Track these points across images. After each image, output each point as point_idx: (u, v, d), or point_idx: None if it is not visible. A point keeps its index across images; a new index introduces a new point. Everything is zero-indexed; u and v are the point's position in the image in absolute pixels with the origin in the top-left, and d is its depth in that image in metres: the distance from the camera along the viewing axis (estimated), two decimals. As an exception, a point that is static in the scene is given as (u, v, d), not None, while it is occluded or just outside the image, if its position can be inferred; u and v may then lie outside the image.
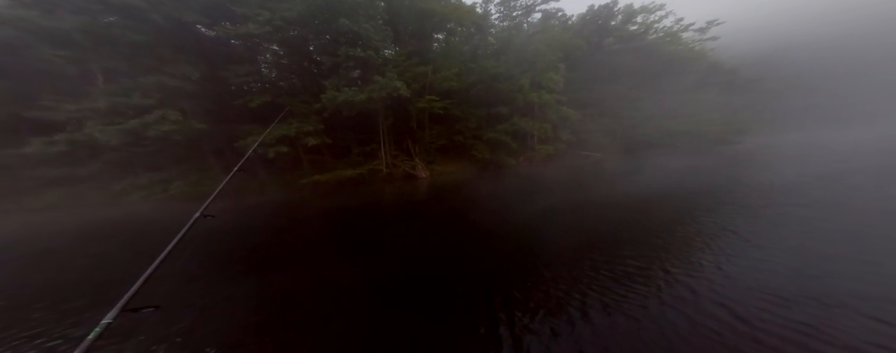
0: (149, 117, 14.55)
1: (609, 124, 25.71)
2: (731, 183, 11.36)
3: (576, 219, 8.30)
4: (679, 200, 9.44)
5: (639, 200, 9.83)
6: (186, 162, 17.59)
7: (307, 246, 7.49)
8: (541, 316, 3.67)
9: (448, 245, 6.56)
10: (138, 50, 13.17)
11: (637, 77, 27.08)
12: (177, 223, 1.98)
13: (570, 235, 6.94)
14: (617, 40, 26.62)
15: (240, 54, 15.75)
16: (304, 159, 18.20)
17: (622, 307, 3.75)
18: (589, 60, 25.47)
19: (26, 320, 4.29)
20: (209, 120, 16.21)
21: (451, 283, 4.75)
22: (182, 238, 2.06)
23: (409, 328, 3.65)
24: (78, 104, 14.28)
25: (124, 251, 7.78)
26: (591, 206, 9.66)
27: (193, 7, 12.94)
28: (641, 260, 5.06)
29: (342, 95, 15.89)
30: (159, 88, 14.40)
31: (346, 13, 14.00)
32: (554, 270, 4.97)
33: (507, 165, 20.91)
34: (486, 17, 22.22)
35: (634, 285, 4.25)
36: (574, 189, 13.06)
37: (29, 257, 7.86)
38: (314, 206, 12.94)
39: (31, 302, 4.84)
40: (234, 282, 5.32)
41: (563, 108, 22.44)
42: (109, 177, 16.79)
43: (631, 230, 6.75)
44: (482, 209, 10.24)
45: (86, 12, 11.77)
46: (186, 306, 4.37)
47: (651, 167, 17.45)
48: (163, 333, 3.71)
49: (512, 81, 20.35)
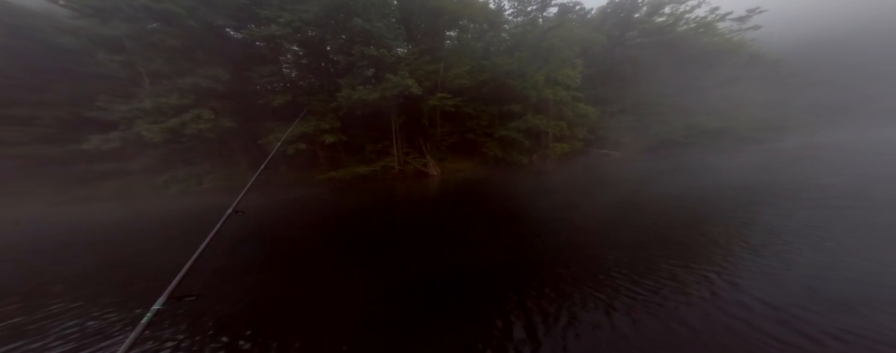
0: (186, 116, 15.98)
1: (631, 122, 24.53)
2: (772, 184, 10.44)
3: (590, 218, 8.04)
4: (714, 201, 8.73)
5: (657, 201, 9.37)
6: (217, 158, 19.12)
7: (327, 241, 7.78)
8: (563, 317, 3.54)
9: (461, 243, 6.55)
10: (176, 54, 14.57)
11: (663, 71, 25.60)
12: (211, 216, 2.14)
13: (586, 233, 6.81)
14: (641, 33, 25.33)
15: (263, 55, 16.91)
16: (321, 156, 19.14)
17: (656, 310, 3.55)
18: (609, 55, 24.48)
19: (90, 299, 4.86)
20: (237, 118, 17.52)
21: (467, 282, 4.71)
22: (216, 232, 2.23)
23: (424, 322, 3.70)
24: (128, 105, 16.03)
25: (169, 242, 8.45)
26: (607, 207, 9.23)
27: (223, 11, 14.12)
28: (675, 261, 4.79)
29: (357, 94, 16.56)
30: (194, 89, 15.80)
31: (360, 12, 14.57)
32: (572, 268, 4.84)
33: (519, 163, 20.66)
34: (500, 12, 22.05)
35: (667, 288, 4.03)
36: (586, 189, 12.71)
37: (91, 244, 8.84)
38: (331, 202, 13.53)
39: (95, 283, 5.57)
40: (264, 274, 5.63)
41: (581, 104, 21.76)
42: (153, 171, 18.62)
43: (654, 231, 6.41)
44: (495, 207, 10.20)
45: (134, 20, 13.25)
46: (222, 297, 4.68)
47: (676, 167, 16.52)
48: (203, 320, 4.00)
49: (525, 78, 20.08)
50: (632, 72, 25.19)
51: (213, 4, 13.70)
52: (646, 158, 21.87)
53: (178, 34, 13.87)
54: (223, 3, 13.81)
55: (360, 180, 18.90)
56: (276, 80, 17.10)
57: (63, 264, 6.91)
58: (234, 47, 16.15)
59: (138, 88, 16.26)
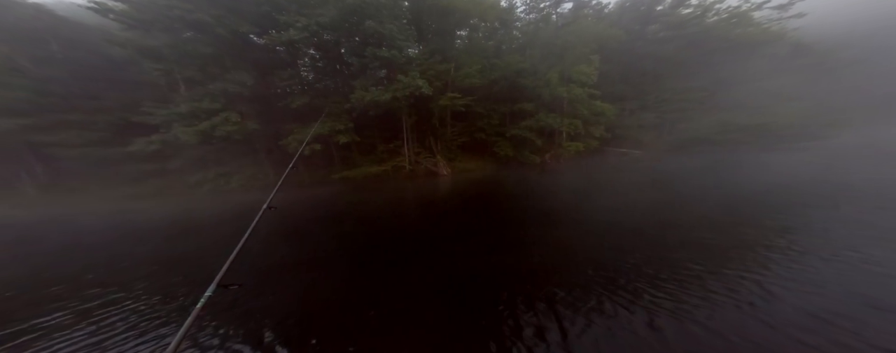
0: (216, 119, 17.30)
1: (654, 119, 23.25)
2: (815, 185, 9.60)
3: (611, 219, 7.68)
4: (752, 203, 8.11)
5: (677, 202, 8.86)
6: (243, 158, 20.51)
7: (347, 238, 7.95)
8: (589, 321, 3.48)
9: (479, 244, 6.50)
10: (208, 61, 15.90)
11: (690, 66, 24.11)
12: (245, 212, 2.41)
13: (606, 234, 6.57)
14: (664, 27, 24.10)
15: (283, 60, 18.01)
16: (336, 156, 19.93)
17: (684, 315, 3.48)
18: (628, 50, 23.47)
19: (150, 286, 5.47)
20: (260, 121, 18.73)
21: (487, 281, 4.70)
22: (252, 226, 2.38)
23: (443, 320, 3.76)
24: (167, 109, 17.69)
25: (211, 238, 9.06)
26: (628, 207, 8.77)
27: (247, 19, 15.25)
28: (705, 265, 4.58)
29: (369, 95, 17.13)
30: (223, 94, 17.12)
31: (372, 15, 15.09)
32: (597, 270, 4.70)
33: (531, 162, 20.26)
34: (511, 10, 21.91)
35: (697, 293, 3.89)
36: (604, 189, 12.18)
37: (149, 237, 9.68)
38: (348, 201, 14.00)
39: (151, 272, 6.22)
40: (295, 267, 5.98)
41: (597, 102, 21.02)
42: (188, 171, 20.33)
43: (682, 233, 6.17)
44: (509, 207, 10.07)
45: (171, 30, 14.72)
46: (262, 286, 5.09)
47: (705, 166, 15.40)
48: (246, 307, 4.37)
49: (538, 76, 19.78)
50: (654, 67, 23.97)
51: (238, 12, 14.87)
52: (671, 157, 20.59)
53: (209, 42, 15.17)
54: (247, 11, 14.94)
55: (373, 179, 19.43)
56: (294, 83, 18.12)
57: (131, 254, 7.71)
58: (258, 53, 17.34)
59: (175, 94, 17.89)
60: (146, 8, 13.85)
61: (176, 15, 13.58)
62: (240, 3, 14.66)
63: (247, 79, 16.94)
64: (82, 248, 8.73)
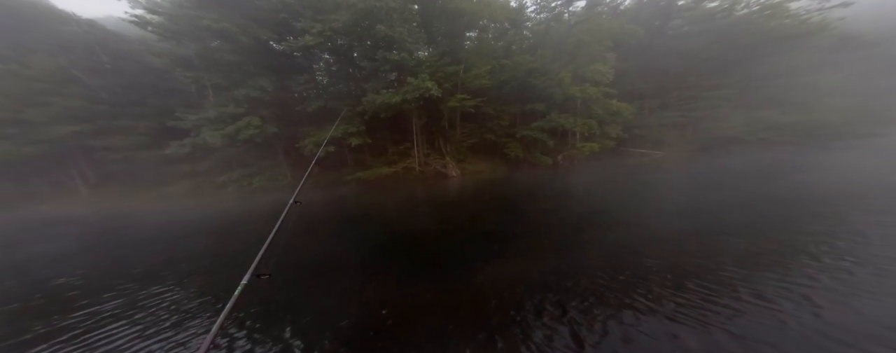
0: (240, 123, 18.43)
1: (676, 118, 22.04)
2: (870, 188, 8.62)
3: (631, 221, 7.41)
4: (785, 207, 7.51)
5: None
6: (264, 160, 21.67)
7: (360, 239, 8.24)
8: (617, 328, 3.37)
9: (490, 248, 6.44)
10: (232, 68, 17.06)
11: (717, 62, 22.72)
12: (269, 211, 2.74)
13: (626, 237, 6.29)
14: (687, 22, 22.95)
15: (300, 65, 18.94)
16: (349, 158, 20.56)
17: (716, 323, 3.33)
18: (648, 47, 22.52)
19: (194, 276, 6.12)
20: (279, 124, 19.73)
21: (503, 285, 4.62)
22: (281, 219, 2.63)
23: (461, 324, 3.77)
24: (197, 114, 19.12)
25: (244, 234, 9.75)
26: (649, 210, 8.43)
27: (268, 26, 16.26)
28: (738, 271, 4.36)
29: (380, 98, 17.61)
30: (246, 99, 18.23)
31: (383, 19, 15.57)
32: (623, 275, 4.54)
33: (542, 164, 19.83)
34: (522, 10, 21.74)
35: (728, 300, 3.71)
36: (622, 190, 11.73)
37: (194, 232, 10.62)
38: (360, 203, 14.44)
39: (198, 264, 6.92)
40: (314, 265, 6.31)
41: (613, 101, 20.27)
42: (215, 172, 21.74)
43: (710, 238, 5.84)
44: (514, 210, 9.92)
45: (200, 39, 16.00)
46: (287, 277, 5.55)
47: (734, 167, 14.33)
48: (275, 296, 4.80)
49: (549, 76, 19.45)
50: (676, 64, 22.81)
51: (259, 21, 15.90)
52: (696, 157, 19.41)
53: (233, 50, 16.32)
54: (267, 19, 15.93)
55: (383, 180, 19.83)
56: (310, 87, 18.98)
57: (189, 248, 8.44)
58: (277, 59, 18.38)
59: (204, 100, 19.32)
60: (179, 19, 15.18)
61: (204, 25, 14.75)
62: (260, 11, 15.68)
63: (267, 84, 17.97)
64: (144, 242, 9.53)
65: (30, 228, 14.25)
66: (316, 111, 18.75)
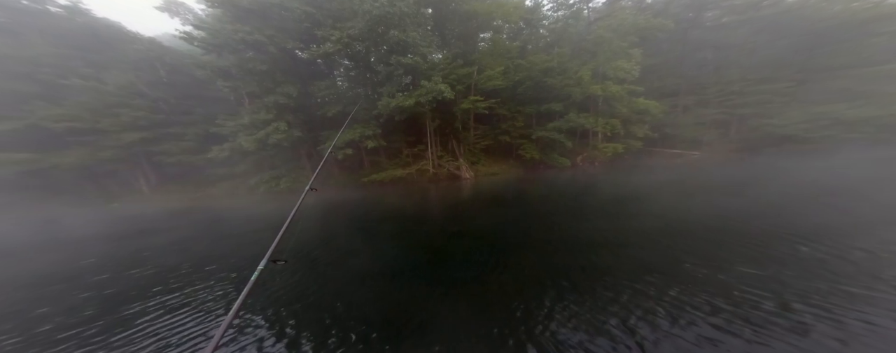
0: (269, 129, 20.01)
1: (717, 115, 19.83)
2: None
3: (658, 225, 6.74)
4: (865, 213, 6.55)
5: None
6: (289, 163, 23.16)
7: (375, 236, 8.38)
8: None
9: (507, 251, 6.18)
10: (264, 76, 18.66)
11: (764, 53, 20.29)
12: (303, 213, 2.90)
13: (650, 242, 5.77)
14: (727, 12, 20.91)
15: (322, 72, 20.19)
16: (365, 160, 21.23)
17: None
18: (680, 41, 20.81)
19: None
20: (303, 129, 21.08)
21: (519, 288, 4.43)
22: (298, 205, 2.76)
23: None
24: (234, 121, 21.11)
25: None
26: (684, 214, 7.55)
27: (293, 36, 17.64)
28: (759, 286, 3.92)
29: (394, 101, 18.13)
30: (275, 106, 19.79)
31: (396, 24, 16.18)
32: (661, 284, 4.16)
33: (560, 165, 18.85)
34: (537, 9, 21.33)
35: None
36: (649, 193, 10.61)
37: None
38: (377, 203, 14.59)
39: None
40: (333, 254, 6.62)
41: (639, 99, 18.91)
42: (249, 175, 23.63)
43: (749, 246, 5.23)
44: (527, 214, 9.32)
45: (237, 51, 17.80)
46: (303, 264, 5.95)
47: (793, 168, 12.53)
48: (289, 281, 5.19)
49: (567, 75, 18.72)
50: (715, 57, 20.74)
51: (286, 31, 17.34)
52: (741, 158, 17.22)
53: (263, 60, 17.91)
54: (292, 29, 17.30)
55: (398, 182, 20.13)
56: (330, 92, 20.11)
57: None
58: (302, 67, 19.80)
59: (241, 108, 21.30)
60: (219, 33, 17.07)
61: (240, 38, 16.44)
62: (286, 22, 17.10)
63: (292, 91, 19.38)
64: (229, 237, 9.99)
65: (137, 220, 15.39)
66: (335, 115, 19.76)
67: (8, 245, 10.83)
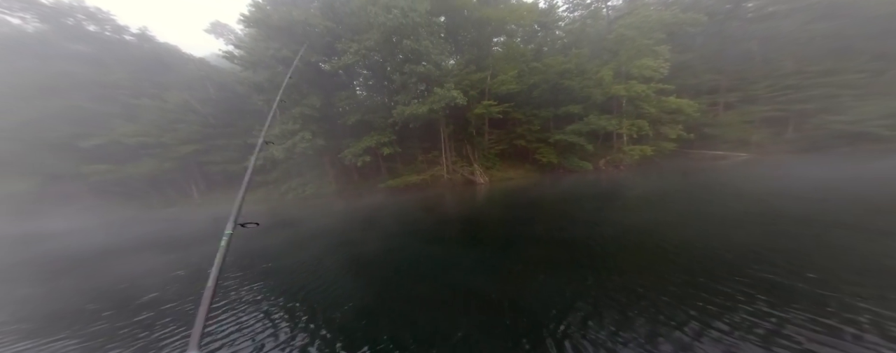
0: (296, 138, 21.51)
1: (769, 113, 17.38)
2: None
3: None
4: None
5: None
6: (314, 170, 24.50)
7: (387, 237, 8.51)
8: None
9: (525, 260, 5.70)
10: (292, 90, 20.26)
11: (826, 43, 17.65)
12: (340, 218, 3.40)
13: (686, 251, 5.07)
14: (772, 1, 18.75)
15: (343, 82, 21.40)
16: (383, 167, 21.73)
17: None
18: (717, 34, 18.94)
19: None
20: (325, 138, 22.31)
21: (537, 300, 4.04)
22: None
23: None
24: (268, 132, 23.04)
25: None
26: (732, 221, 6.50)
27: (317, 50, 19.05)
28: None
29: (409, 109, 18.60)
30: (301, 116, 21.30)
31: (409, 34, 16.83)
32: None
33: (581, 169, 17.62)
34: (551, 10, 20.88)
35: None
36: (685, 199, 9.37)
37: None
38: (392, 208, 14.56)
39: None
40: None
41: (670, 98, 17.37)
42: (279, 182, 25.35)
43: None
44: (544, 220, 8.67)
45: (268, 67, 19.61)
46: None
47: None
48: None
49: (585, 76, 17.88)
50: (762, 49, 18.49)
51: (311, 46, 18.83)
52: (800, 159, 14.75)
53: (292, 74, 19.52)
54: (316, 43, 18.70)
55: (413, 187, 20.23)
56: (350, 102, 21.18)
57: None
58: (325, 78, 21.20)
59: (273, 119, 23.22)
60: (254, 51, 19.06)
61: (270, 54, 18.20)
62: (310, 37, 18.57)
63: (316, 102, 20.75)
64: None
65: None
66: (355, 124, 20.69)
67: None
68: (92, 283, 6.69)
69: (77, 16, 24.67)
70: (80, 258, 9.84)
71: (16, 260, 10.54)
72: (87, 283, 6.76)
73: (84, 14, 24.81)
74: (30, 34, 23.14)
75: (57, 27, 24.07)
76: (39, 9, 23.44)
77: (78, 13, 24.69)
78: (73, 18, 24.57)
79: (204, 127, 25.93)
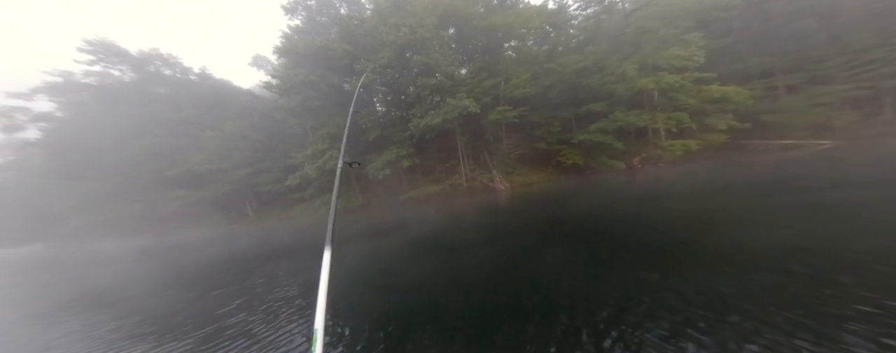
0: (325, 157, 23.04)
1: (850, 92, 14.26)
2: None
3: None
4: None
5: None
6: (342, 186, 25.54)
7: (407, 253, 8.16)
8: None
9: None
10: (319, 111, 22.13)
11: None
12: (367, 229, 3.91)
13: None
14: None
15: (363, 101, 22.74)
16: (403, 179, 22.01)
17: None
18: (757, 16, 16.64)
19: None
20: (351, 154, 23.57)
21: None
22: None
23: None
24: (302, 153, 25.06)
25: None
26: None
27: (339, 73, 20.77)
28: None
29: (424, 121, 19.02)
30: (328, 136, 22.95)
31: (419, 48, 17.66)
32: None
33: (613, 169, 15.90)
34: (562, 10, 20.32)
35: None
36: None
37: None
38: (409, 217, 14.75)
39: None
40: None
41: (712, 87, 15.36)
42: (315, 198, 26.93)
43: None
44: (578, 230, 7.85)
45: (300, 92, 21.75)
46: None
47: None
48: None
49: (606, 72, 16.77)
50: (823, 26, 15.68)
51: (333, 69, 20.63)
52: None
53: (317, 97, 21.42)
54: (337, 66, 20.45)
55: (433, 197, 20.02)
56: (371, 118, 22.32)
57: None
58: (346, 99, 22.80)
59: (306, 141, 25.30)
60: (287, 79, 21.42)
61: (300, 80, 20.29)
62: (332, 61, 20.37)
63: (341, 121, 22.27)
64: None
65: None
66: (375, 139, 21.62)
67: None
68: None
69: (155, 62, 30.42)
70: (234, 262, 10.52)
71: (195, 263, 11.65)
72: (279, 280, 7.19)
73: (160, 60, 30.52)
74: (126, 83, 28.97)
75: (143, 74, 29.82)
76: (132, 60, 29.43)
77: (156, 60, 30.45)
78: (154, 65, 30.32)
79: (253, 152, 29.16)
